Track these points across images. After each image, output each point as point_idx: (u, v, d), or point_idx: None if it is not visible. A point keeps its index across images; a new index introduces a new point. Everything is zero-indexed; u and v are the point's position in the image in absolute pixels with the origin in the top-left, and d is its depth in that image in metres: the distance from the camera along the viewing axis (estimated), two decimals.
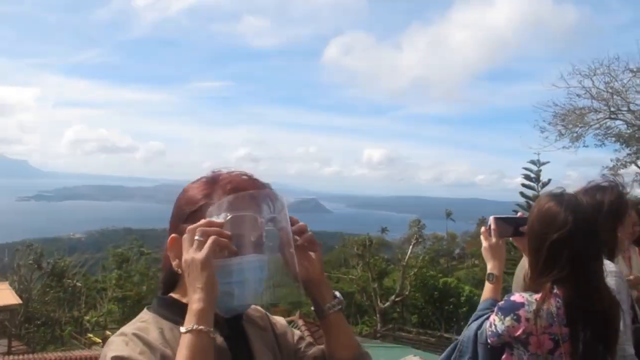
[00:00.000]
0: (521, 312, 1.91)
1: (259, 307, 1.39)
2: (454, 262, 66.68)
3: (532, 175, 20.55)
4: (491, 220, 2.29)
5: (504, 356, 2.07)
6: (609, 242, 2.38)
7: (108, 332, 28.96)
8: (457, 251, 72.57)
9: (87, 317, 30.41)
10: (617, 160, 17.26)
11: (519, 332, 1.92)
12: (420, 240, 35.50)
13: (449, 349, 2.33)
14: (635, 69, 15.71)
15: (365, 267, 33.52)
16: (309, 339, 1.47)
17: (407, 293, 32.55)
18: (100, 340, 26.89)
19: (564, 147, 17.03)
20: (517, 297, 1.96)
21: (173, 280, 1.26)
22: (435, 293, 33.57)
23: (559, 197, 2.02)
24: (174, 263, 1.19)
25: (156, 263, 30.00)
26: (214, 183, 1.21)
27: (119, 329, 1.16)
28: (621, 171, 15.98)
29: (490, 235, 2.28)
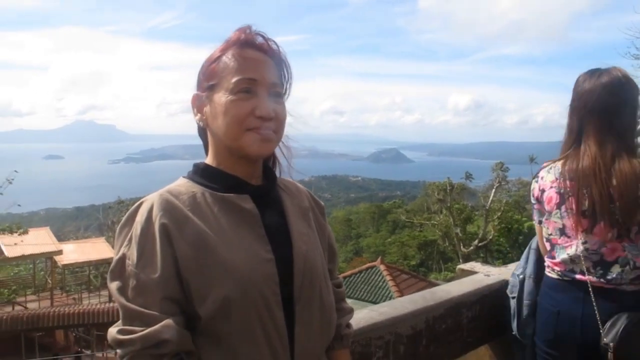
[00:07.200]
0: (541, 173, 2.07)
1: (301, 188, 1.40)
2: None
3: None
4: None
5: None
6: None
7: None
8: None
9: None
10: None
11: (537, 192, 2.06)
12: (503, 183, 34.38)
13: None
14: None
15: (448, 212, 33.13)
16: (391, 283, 1.51)
17: (490, 238, 31.95)
18: None
19: None
20: (544, 163, 2.11)
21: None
22: (520, 238, 32.67)
23: (593, 72, 1.99)
24: (197, 117, 1.25)
25: None
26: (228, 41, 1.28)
27: None
28: None
29: None
